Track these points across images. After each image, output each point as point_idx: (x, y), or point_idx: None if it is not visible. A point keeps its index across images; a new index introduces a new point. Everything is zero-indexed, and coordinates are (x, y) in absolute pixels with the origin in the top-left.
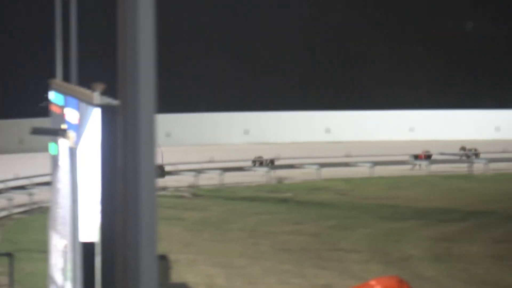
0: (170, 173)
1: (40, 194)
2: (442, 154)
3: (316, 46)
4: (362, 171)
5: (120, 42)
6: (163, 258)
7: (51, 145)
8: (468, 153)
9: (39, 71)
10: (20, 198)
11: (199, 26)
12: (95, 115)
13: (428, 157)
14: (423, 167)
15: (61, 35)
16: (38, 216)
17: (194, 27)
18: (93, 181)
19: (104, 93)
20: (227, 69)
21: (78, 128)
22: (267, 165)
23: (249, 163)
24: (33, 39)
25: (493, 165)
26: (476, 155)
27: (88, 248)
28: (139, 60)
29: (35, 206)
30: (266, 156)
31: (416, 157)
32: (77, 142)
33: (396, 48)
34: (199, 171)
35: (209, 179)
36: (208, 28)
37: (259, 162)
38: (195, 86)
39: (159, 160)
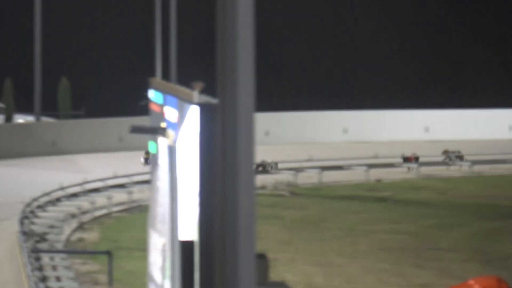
0: (268, 171)
1: (139, 193)
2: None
3: (415, 44)
4: (461, 169)
5: (220, 41)
6: (261, 257)
7: (150, 144)
8: (451, 155)
9: (139, 70)
10: (119, 196)
11: (300, 24)
12: (194, 113)
13: (416, 159)
14: (414, 170)
15: (161, 35)
16: (137, 215)
17: (293, 26)
18: (192, 180)
19: (203, 91)
20: (327, 68)
21: (177, 126)
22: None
23: (349, 162)
24: (133, 38)
25: None
26: (460, 157)
27: (187, 247)
28: (238, 59)
29: (134, 204)
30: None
31: (406, 159)
32: (176, 140)
33: None
34: (298, 170)
35: (307, 178)
36: (308, 26)
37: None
38: (294, 85)
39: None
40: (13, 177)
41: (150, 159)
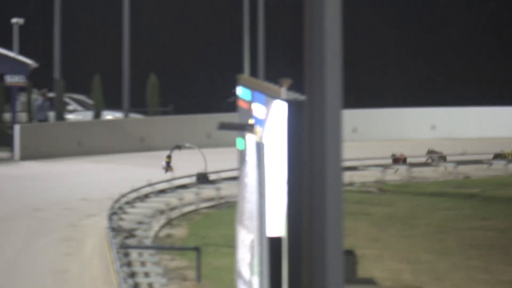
0: (356, 168)
1: (227, 189)
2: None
3: (498, 41)
4: None
5: (307, 38)
6: (349, 253)
7: (238, 140)
8: (433, 156)
9: (227, 67)
10: (207, 192)
11: (388, 20)
12: (282, 110)
13: (404, 160)
14: (402, 171)
15: (249, 31)
16: (225, 211)
17: (381, 20)
18: (280, 176)
19: (291, 88)
20: (414, 64)
21: (265, 123)
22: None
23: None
24: (221, 35)
25: None
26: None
27: (275, 243)
28: (326, 55)
29: (222, 200)
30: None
31: (396, 160)
32: (264, 136)
33: None
34: (385, 167)
35: (395, 175)
36: (395, 22)
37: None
38: (382, 82)
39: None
40: (102, 174)
41: (169, 164)
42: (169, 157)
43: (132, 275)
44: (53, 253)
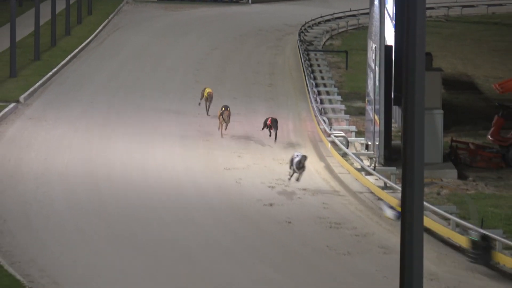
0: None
1: (363, 19)
2: None
3: None
4: None
5: None
6: (428, 55)
7: None
8: None
9: None
10: (352, 21)
11: None
12: None
13: None
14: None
15: None
16: (362, 31)
17: None
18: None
19: None
20: None
21: None
22: None
23: None
24: None
25: None
26: None
27: (388, 49)
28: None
29: (361, 26)
30: None
31: None
32: None
33: None
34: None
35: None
36: None
37: None
38: None
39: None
40: (294, 11)
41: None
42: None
43: (311, 65)
44: (268, 53)
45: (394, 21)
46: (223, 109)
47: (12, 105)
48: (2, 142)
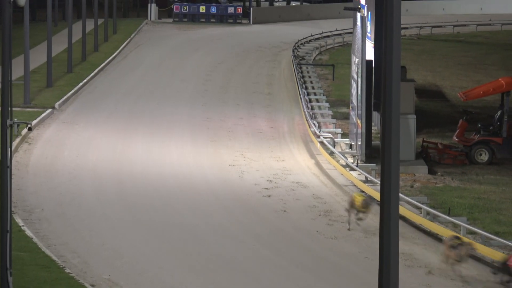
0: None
1: (347, 37)
2: None
3: None
4: None
5: None
6: (402, 68)
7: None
8: None
9: None
10: (338, 39)
11: None
12: None
13: None
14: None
15: None
16: (347, 48)
17: None
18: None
19: None
20: None
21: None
22: None
23: None
24: None
25: None
26: None
27: (368, 63)
28: None
29: (345, 43)
30: None
31: None
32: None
33: None
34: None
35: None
36: None
37: None
38: None
39: None
40: (289, 31)
41: None
42: None
43: (303, 76)
44: (267, 67)
45: (373, 40)
46: None
47: (49, 110)
48: (40, 142)
